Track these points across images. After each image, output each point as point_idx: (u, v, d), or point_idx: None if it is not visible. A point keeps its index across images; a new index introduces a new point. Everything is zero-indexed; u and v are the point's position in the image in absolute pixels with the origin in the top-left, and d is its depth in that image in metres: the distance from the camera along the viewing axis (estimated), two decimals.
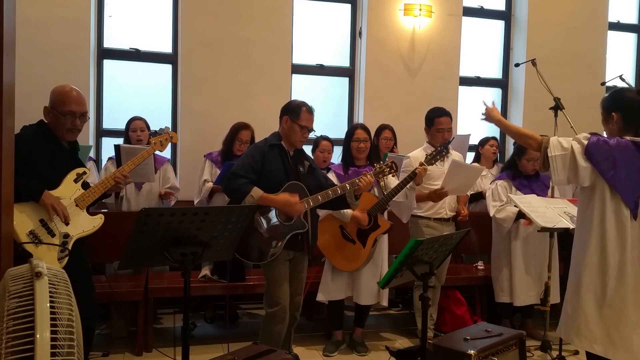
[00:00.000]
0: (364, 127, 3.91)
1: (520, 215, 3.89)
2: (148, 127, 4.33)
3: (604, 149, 2.50)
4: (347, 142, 3.91)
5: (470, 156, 5.26)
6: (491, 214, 4.09)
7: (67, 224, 2.64)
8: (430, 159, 3.57)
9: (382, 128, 4.79)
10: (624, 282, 2.52)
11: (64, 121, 2.71)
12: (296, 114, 3.16)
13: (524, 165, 4.12)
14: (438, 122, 3.91)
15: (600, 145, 2.50)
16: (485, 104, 2.99)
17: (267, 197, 3.03)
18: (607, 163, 2.49)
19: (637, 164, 2.52)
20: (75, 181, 2.74)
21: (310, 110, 3.21)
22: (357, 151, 3.86)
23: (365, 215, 3.62)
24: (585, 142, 2.52)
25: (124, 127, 4.41)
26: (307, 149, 4.07)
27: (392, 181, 3.81)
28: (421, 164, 3.53)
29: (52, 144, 2.73)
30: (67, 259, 2.61)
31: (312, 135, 3.35)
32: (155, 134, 3.10)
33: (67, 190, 2.70)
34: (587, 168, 2.51)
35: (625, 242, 2.51)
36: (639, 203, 2.51)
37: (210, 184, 4.27)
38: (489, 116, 2.94)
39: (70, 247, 2.63)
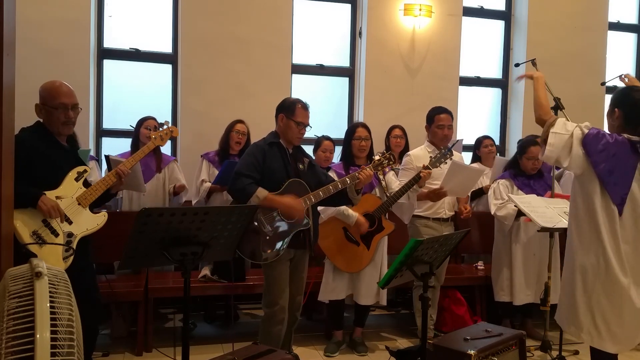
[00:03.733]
0: (364, 126, 3.90)
1: (521, 212, 3.89)
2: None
3: (601, 142, 2.55)
4: (347, 141, 3.89)
5: (467, 158, 5.25)
6: (492, 212, 4.10)
7: (69, 222, 2.64)
8: (435, 162, 3.57)
9: (392, 127, 4.93)
10: (614, 274, 2.54)
11: (57, 115, 2.70)
12: (291, 110, 3.18)
13: (524, 164, 4.14)
14: (438, 118, 3.92)
15: (599, 137, 2.55)
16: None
17: (271, 198, 3.04)
18: (600, 155, 2.54)
19: (629, 162, 2.56)
20: (77, 179, 2.73)
21: (305, 107, 3.23)
22: (359, 150, 3.85)
23: (366, 221, 3.63)
24: (586, 131, 2.57)
25: (124, 127, 4.39)
26: (309, 149, 4.08)
27: (392, 180, 3.82)
28: (425, 167, 3.53)
29: (51, 144, 2.73)
30: (72, 258, 2.60)
31: (311, 134, 3.35)
32: (155, 128, 3.11)
33: (69, 189, 2.69)
34: (580, 156, 2.56)
35: (615, 235, 2.55)
36: (625, 200, 2.54)
37: (208, 184, 4.26)
38: (527, 74, 3.03)
39: (74, 246, 2.62)
